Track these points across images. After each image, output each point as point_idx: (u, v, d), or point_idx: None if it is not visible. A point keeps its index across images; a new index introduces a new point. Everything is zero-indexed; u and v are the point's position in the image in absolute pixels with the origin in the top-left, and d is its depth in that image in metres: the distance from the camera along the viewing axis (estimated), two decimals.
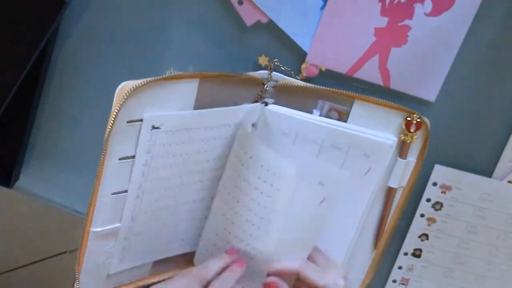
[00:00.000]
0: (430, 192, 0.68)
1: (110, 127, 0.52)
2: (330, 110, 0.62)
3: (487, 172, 0.67)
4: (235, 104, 0.60)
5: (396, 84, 0.59)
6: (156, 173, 0.58)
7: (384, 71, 0.58)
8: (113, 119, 0.52)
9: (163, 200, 0.61)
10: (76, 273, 0.59)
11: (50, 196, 0.73)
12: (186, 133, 0.58)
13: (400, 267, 0.74)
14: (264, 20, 0.61)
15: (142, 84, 0.52)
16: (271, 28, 0.61)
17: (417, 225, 0.70)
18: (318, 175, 0.59)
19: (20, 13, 0.61)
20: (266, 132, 0.61)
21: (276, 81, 0.62)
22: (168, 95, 0.56)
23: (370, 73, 0.58)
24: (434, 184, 0.68)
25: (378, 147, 0.61)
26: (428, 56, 0.58)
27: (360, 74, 0.58)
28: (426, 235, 0.71)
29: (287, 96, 0.61)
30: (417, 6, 0.55)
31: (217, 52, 0.64)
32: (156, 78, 0.53)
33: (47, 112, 0.69)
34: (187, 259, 0.68)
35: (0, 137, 0.68)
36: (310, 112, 0.62)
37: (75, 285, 0.59)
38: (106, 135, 0.53)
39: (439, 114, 0.64)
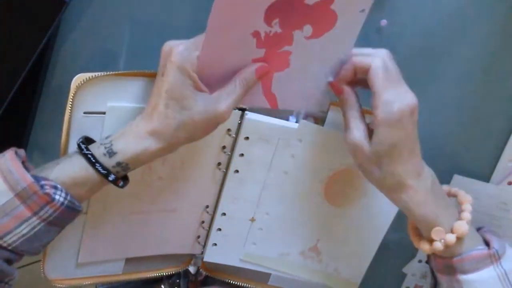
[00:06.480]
0: None
1: (67, 118, 0.56)
2: (306, 116, 0.63)
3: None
4: None
5: (284, 105, 0.60)
6: None
7: (270, 95, 0.59)
8: (69, 110, 0.56)
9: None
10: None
11: None
12: None
13: (414, 274, 0.75)
14: None
15: (96, 76, 0.55)
16: None
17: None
18: None
19: (20, 13, 0.61)
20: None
21: None
22: (131, 90, 0.57)
23: (255, 99, 0.58)
24: None
25: None
26: (313, 74, 0.58)
27: (244, 102, 0.58)
28: None
29: None
30: (296, 33, 0.55)
31: None
32: (112, 72, 0.56)
33: (47, 112, 0.68)
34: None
35: (0, 137, 0.67)
36: (287, 119, 0.64)
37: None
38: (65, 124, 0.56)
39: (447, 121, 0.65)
